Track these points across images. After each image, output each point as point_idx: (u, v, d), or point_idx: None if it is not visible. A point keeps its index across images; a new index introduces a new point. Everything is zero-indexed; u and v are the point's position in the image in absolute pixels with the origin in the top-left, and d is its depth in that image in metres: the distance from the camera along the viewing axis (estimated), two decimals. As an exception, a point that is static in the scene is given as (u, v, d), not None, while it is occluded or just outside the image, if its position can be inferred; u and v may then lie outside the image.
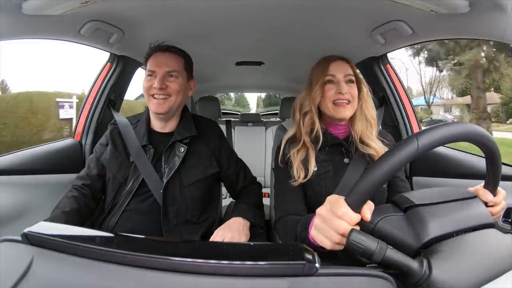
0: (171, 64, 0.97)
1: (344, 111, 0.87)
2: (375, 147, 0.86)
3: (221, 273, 0.41)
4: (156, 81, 0.94)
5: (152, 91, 0.96)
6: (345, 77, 0.89)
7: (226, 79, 2.31)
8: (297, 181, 0.85)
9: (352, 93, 0.88)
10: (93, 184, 1.01)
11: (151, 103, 0.96)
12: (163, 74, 0.95)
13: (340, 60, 0.91)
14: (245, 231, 0.90)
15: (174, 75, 0.97)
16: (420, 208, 0.49)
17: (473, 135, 0.48)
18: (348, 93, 0.87)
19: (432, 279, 0.40)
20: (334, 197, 0.49)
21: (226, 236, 0.86)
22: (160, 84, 0.94)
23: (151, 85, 0.95)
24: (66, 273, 0.44)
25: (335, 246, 0.48)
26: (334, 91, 0.88)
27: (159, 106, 0.95)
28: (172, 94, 0.96)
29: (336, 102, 0.87)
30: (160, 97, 0.95)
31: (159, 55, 0.98)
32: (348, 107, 0.88)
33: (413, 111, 1.39)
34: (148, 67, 0.98)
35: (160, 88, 0.94)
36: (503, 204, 0.59)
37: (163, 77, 0.95)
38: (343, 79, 0.88)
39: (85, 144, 1.37)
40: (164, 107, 0.96)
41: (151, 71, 0.97)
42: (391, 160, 0.44)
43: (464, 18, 0.86)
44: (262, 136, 2.57)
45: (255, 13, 1.09)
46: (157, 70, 0.96)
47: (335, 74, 0.89)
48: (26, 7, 0.85)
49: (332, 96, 0.88)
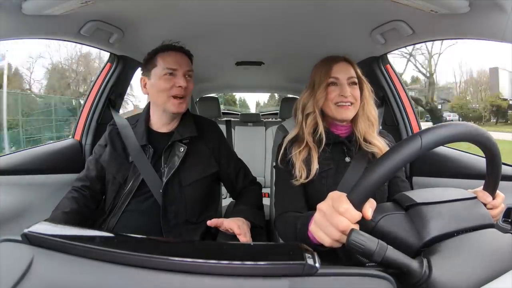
0: (188, 64, 0.98)
1: (347, 113, 0.88)
2: (379, 145, 0.87)
3: (221, 273, 0.41)
4: (180, 80, 0.94)
5: (174, 91, 0.94)
6: (348, 80, 0.89)
7: (226, 79, 2.31)
8: (299, 181, 0.85)
9: (355, 95, 0.88)
10: (92, 185, 1.01)
11: (171, 103, 0.94)
12: (184, 73, 0.95)
13: (343, 61, 0.91)
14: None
15: (190, 75, 0.98)
16: (422, 207, 0.49)
17: (475, 135, 0.48)
18: (351, 96, 0.87)
19: (432, 279, 0.40)
20: (336, 193, 0.48)
21: (237, 222, 0.86)
22: (185, 83, 0.94)
23: (173, 85, 0.94)
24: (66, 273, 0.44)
25: (334, 243, 0.47)
26: (337, 93, 0.88)
27: (179, 106, 0.95)
28: (189, 94, 0.98)
29: (339, 104, 0.88)
30: (181, 97, 0.95)
31: (176, 53, 0.97)
32: (350, 109, 0.88)
33: (413, 111, 1.39)
34: (166, 65, 0.95)
35: (184, 88, 0.94)
36: (501, 206, 0.59)
37: (185, 76, 0.96)
38: (346, 82, 0.88)
39: (85, 144, 1.37)
40: (184, 106, 0.97)
41: (172, 69, 0.94)
42: (394, 157, 0.44)
43: (464, 18, 0.86)
44: (262, 136, 2.57)
45: (255, 13, 1.09)
46: (179, 69, 0.95)
47: (338, 77, 0.89)
48: (26, 7, 0.85)
49: (335, 98, 0.88)
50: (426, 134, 0.44)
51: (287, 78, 2.20)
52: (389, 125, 1.40)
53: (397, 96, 1.38)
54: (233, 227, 0.85)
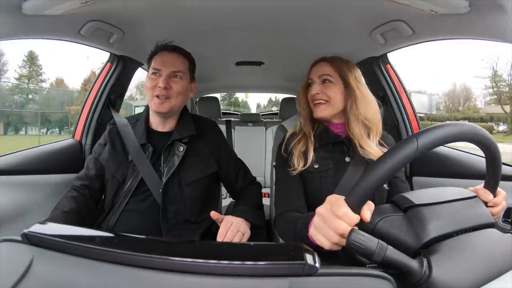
0: (176, 64, 0.97)
1: (320, 111, 0.89)
2: (374, 154, 0.85)
3: (221, 273, 0.41)
4: (160, 80, 0.94)
5: (156, 90, 0.95)
6: (319, 78, 0.91)
7: (226, 79, 2.31)
8: (296, 170, 0.86)
9: (327, 93, 0.89)
10: (92, 184, 1.01)
11: (153, 102, 0.96)
12: (168, 74, 0.95)
13: (321, 61, 0.93)
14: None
15: (178, 76, 0.97)
16: (420, 208, 0.49)
17: (472, 135, 0.48)
18: (321, 93, 0.89)
19: (432, 279, 0.40)
20: (334, 197, 0.49)
21: (233, 221, 0.86)
22: (165, 84, 0.94)
23: (155, 85, 0.94)
24: (66, 273, 0.44)
25: (333, 246, 0.48)
26: (312, 93, 0.91)
27: (160, 106, 0.95)
28: (174, 95, 0.96)
29: (314, 102, 0.91)
30: (163, 97, 0.95)
31: (166, 54, 0.98)
32: (324, 107, 0.89)
33: (413, 111, 1.39)
34: (153, 65, 0.97)
35: (164, 88, 0.94)
36: (503, 204, 0.59)
37: (168, 76, 0.95)
38: (318, 80, 0.91)
39: (85, 144, 1.37)
40: (166, 106, 0.95)
41: (156, 69, 0.96)
42: (391, 160, 0.44)
43: (464, 18, 0.86)
44: (262, 136, 2.57)
45: (255, 13, 1.09)
46: (163, 69, 0.95)
47: (312, 76, 0.93)
48: (26, 7, 0.85)
49: (311, 97, 0.92)
50: (422, 136, 0.44)
51: (287, 78, 2.20)
52: (389, 125, 1.40)
53: (397, 96, 1.38)
54: (224, 231, 0.83)
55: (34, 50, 13.02)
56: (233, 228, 0.84)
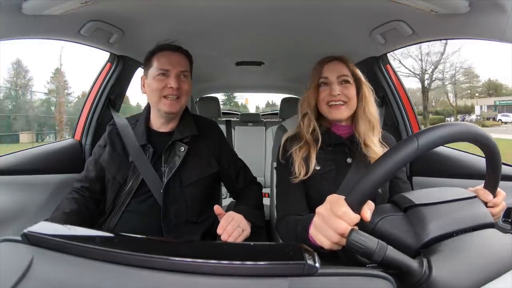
0: (183, 64, 0.97)
1: (339, 113, 0.87)
2: (376, 151, 0.85)
3: (221, 273, 0.41)
4: (171, 81, 0.93)
5: (166, 91, 0.94)
6: (338, 78, 0.89)
7: (226, 79, 2.31)
8: (298, 178, 0.85)
9: (347, 94, 0.87)
10: (92, 186, 1.01)
11: (162, 103, 0.95)
12: (177, 73, 0.95)
13: (335, 60, 0.91)
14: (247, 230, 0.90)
15: (185, 75, 0.97)
16: (420, 208, 0.49)
17: (473, 135, 0.48)
18: (341, 94, 0.87)
19: (432, 279, 0.40)
20: (334, 197, 0.49)
21: (235, 216, 0.83)
22: (177, 84, 0.94)
23: (164, 85, 0.94)
24: (66, 273, 0.44)
25: (334, 246, 0.48)
26: (327, 93, 0.88)
27: (171, 106, 0.95)
28: (184, 95, 0.96)
29: (330, 103, 0.88)
30: (174, 97, 0.94)
31: (171, 54, 0.97)
32: (343, 109, 0.87)
33: (413, 111, 1.39)
34: (159, 65, 0.95)
35: (177, 88, 0.94)
36: (503, 205, 0.59)
37: (178, 76, 0.95)
38: (336, 80, 0.88)
39: (85, 144, 1.37)
40: (177, 107, 0.96)
41: (164, 69, 0.95)
42: (391, 160, 0.44)
43: (464, 18, 0.86)
44: (262, 136, 2.57)
45: (255, 13, 1.09)
46: (172, 69, 0.95)
47: (328, 76, 0.89)
48: (26, 7, 0.85)
49: (326, 98, 0.88)
50: (423, 135, 0.44)
51: (287, 78, 2.20)
52: (389, 125, 1.40)
53: (397, 96, 1.38)
54: (225, 224, 0.81)
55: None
56: (233, 222, 0.83)
